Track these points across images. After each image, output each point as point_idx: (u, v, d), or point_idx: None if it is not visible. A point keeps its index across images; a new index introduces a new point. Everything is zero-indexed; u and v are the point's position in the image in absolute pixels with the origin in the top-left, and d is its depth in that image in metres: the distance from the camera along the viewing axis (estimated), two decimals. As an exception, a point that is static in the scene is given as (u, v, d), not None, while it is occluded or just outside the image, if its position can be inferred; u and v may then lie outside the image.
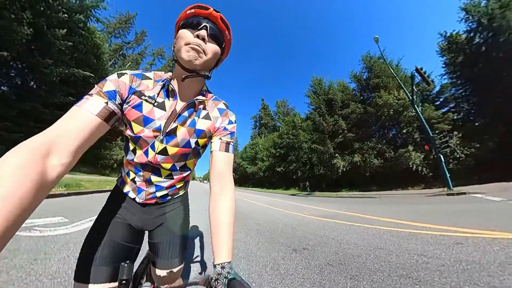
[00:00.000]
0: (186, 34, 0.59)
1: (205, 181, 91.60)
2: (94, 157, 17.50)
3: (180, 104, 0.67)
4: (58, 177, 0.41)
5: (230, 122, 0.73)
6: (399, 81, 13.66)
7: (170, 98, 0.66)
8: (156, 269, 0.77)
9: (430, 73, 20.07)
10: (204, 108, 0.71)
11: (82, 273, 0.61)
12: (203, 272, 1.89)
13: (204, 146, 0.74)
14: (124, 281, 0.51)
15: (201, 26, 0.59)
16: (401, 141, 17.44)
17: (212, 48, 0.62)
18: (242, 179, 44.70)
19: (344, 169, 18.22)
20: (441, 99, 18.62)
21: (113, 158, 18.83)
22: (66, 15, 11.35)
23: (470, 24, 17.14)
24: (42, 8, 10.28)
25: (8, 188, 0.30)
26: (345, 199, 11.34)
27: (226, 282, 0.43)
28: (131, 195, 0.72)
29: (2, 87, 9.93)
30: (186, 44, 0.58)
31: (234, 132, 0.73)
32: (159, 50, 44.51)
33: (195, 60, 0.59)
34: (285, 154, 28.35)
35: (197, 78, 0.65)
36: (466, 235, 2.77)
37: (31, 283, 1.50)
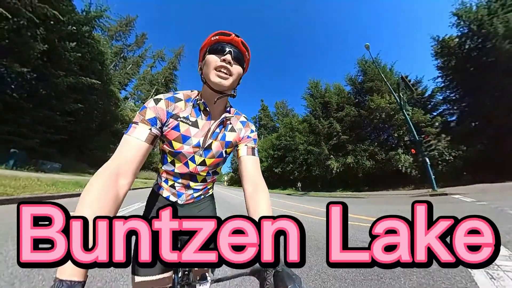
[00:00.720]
0: (213, 59, 0.66)
1: None
2: (100, 159, 17.82)
3: (212, 122, 0.76)
4: (125, 193, 0.53)
5: (252, 131, 0.83)
6: (389, 87, 13.96)
7: (203, 117, 0.74)
8: None
9: (422, 77, 20.45)
10: (230, 123, 0.80)
11: (139, 268, 0.70)
12: None
13: (230, 153, 0.84)
14: (186, 272, 0.58)
15: (226, 51, 0.66)
16: (392, 143, 17.83)
17: (236, 69, 0.68)
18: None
19: (338, 170, 18.63)
20: (432, 103, 18.83)
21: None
22: (74, 28, 11.87)
23: (461, 29, 17.21)
24: (52, 22, 10.74)
25: (101, 209, 0.43)
26: (336, 199, 11.72)
27: (276, 272, 0.44)
28: (172, 198, 0.83)
29: (16, 95, 10.37)
30: (215, 69, 0.65)
31: (256, 139, 0.83)
32: (159, 53, 44.24)
33: (223, 82, 0.66)
34: (282, 155, 28.73)
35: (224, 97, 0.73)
36: None
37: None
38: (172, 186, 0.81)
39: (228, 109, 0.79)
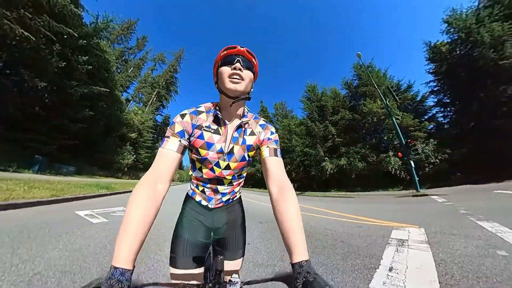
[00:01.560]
0: (225, 70, 0.76)
1: None
2: (108, 162, 19.25)
3: (231, 128, 0.82)
4: (164, 195, 0.63)
5: (272, 133, 0.87)
6: (380, 93, 14.92)
7: (223, 124, 0.81)
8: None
9: (414, 82, 21.30)
10: (249, 127, 0.86)
11: (175, 261, 0.81)
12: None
13: (253, 156, 0.89)
14: (218, 272, 0.60)
15: (235, 60, 0.75)
16: (383, 146, 18.80)
17: (247, 74, 0.77)
18: (242, 179, 45.88)
19: (332, 171, 19.68)
20: (423, 107, 19.59)
21: (124, 162, 20.45)
22: (85, 41, 12.93)
23: (451, 36, 17.81)
24: (66, 37, 11.80)
25: (145, 210, 0.54)
26: (328, 198, 12.79)
27: (307, 281, 0.44)
28: (203, 202, 0.90)
29: (35, 107, 11.51)
30: (228, 77, 0.75)
31: (277, 140, 0.87)
32: (160, 56, 45.68)
33: (237, 87, 0.74)
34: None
35: (240, 102, 0.80)
36: (369, 223, 4.24)
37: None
38: (203, 191, 0.90)
39: (245, 114, 0.87)
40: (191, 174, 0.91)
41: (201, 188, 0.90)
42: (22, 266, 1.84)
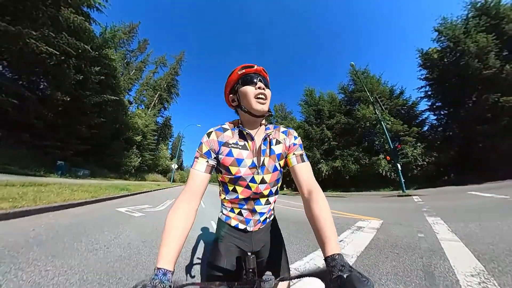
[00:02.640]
0: (250, 90, 0.79)
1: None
2: (117, 164, 20.50)
3: (257, 141, 0.85)
4: (196, 211, 0.72)
5: (295, 138, 0.90)
6: (372, 101, 16.21)
7: (249, 140, 0.84)
8: None
9: (405, 88, 22.52)
10: (273, 137, 0.89)
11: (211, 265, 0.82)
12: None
13: (284, 166, 0.91)
14: (251, 270, 0.63)
15: (257, 80, 0.80)
16: (375, 149, 20.11)
17: (268, 92, 0.82)
18: (242, 180, 46.95)
19: (328, 173, 21.00)
20: (415, 112, 20.87)
21: (132, 164, 21.76)
22: (97, 53, 14.13)
23: (441, 44, 18.79)
24: (80, 50, 13.01)
25: (183, 221, 0.63)
26: (322, 198, 13.95)
27: (342, 274, 0.43)
28: (241, 226, 0.88)
29: (53, 115, 12.75)
30: (254, 97, 0.79)
31: (301, 144, 0.90)
32: (161, 58, 46.43)
33: (264, 107, 0.80)
34: (279, 158, 30.96)
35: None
36: (345, 216, 5.34)
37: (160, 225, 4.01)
38: (240, 214, 0.88)
39: (267, 126, 0.92)
40: (224, 198, 0.91)
41: (237, 211, 0.89)
42: (116, 240, 3.02)
